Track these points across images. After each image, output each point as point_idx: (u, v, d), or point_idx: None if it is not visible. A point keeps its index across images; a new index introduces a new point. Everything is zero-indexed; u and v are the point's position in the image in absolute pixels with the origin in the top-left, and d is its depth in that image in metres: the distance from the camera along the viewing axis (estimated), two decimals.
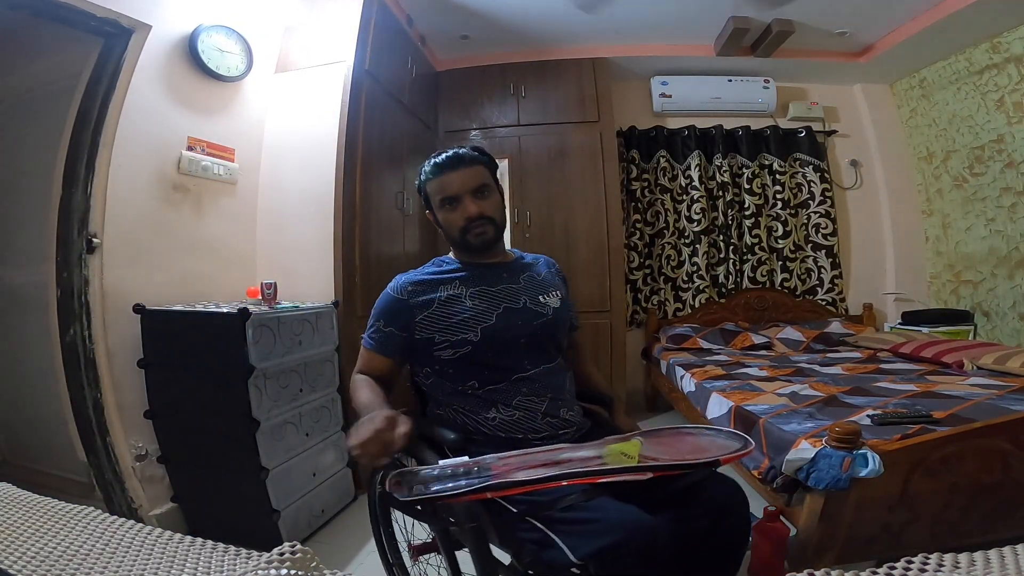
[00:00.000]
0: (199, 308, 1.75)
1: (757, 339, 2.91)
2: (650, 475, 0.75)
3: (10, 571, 0.58)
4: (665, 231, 3.38)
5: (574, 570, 0.80)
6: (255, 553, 0.65)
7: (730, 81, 3.36)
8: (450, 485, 0.78)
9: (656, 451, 0.81)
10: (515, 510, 0.89)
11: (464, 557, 0.93)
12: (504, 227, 1.15)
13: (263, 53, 2.27)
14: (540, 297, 1.13)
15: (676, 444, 0.84)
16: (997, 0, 2.39)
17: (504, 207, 1.17)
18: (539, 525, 0.85)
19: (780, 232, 3.36)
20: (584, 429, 1.12)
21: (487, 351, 1.05)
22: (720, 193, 3.36)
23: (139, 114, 1.78)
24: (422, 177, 1.14)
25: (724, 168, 3.34)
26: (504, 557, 0.97)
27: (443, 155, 1.11)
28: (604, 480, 0.78)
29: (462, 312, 1.06)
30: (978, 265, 2.99)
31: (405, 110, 2.70)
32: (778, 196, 3.36)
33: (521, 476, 0.77)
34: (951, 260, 3.18)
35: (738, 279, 3.37)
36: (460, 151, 1.11)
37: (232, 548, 0.67)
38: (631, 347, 3.27)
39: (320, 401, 1.94)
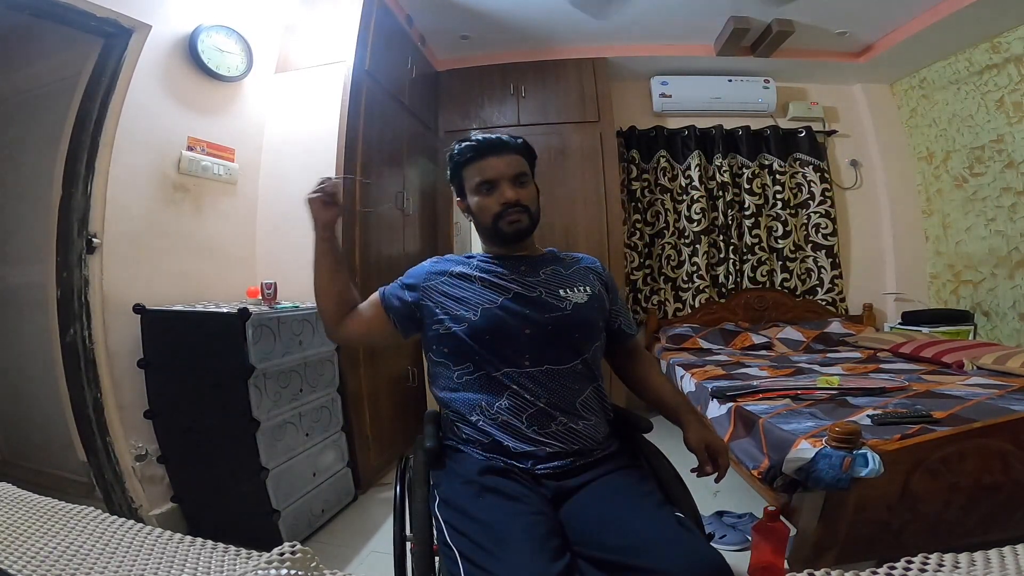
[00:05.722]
0: (199, 308, 1.74)
1: (757, 339, 2.91)
2: None
3: (10, 571, 0.58)
4: (665, 231, 3.38)
5: None
6: (255, 553, 0.65)
7: (730, 81, 3.35)
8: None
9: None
10: (449, 539, 0.83)
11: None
12: (538, 221, 1.11)
13: (263, 53, 2.27)
14: (560, 291, 1.04)
15: None
16: (997, 0, 2.39)
17: (539, 201, 1.11)
18: (457, 557, 0.79)
19: (780, 232, 3.36)
20: (595, 455, 0.97)
21: (484, 335, 0.97)
22: (720, 193, 3.36)
23: (139, 114, 1.78)
24: (456, 158, 1.07)
25: (724, 168, 3.34)
26: None
27: (483, 137, 1.06)
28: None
29: (468, 290, 1.03)
30: (978, 265, 2.98)
31: (405, 110, 2.70)
32: (778, 196, 3.36)
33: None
34: (951, 260, 3.18)
35: (738, 279, 3.37)
36: (503, 136, 1.07)
37: (232, 548, 0.67)
38: None
39: (320, 401, 1.93)
